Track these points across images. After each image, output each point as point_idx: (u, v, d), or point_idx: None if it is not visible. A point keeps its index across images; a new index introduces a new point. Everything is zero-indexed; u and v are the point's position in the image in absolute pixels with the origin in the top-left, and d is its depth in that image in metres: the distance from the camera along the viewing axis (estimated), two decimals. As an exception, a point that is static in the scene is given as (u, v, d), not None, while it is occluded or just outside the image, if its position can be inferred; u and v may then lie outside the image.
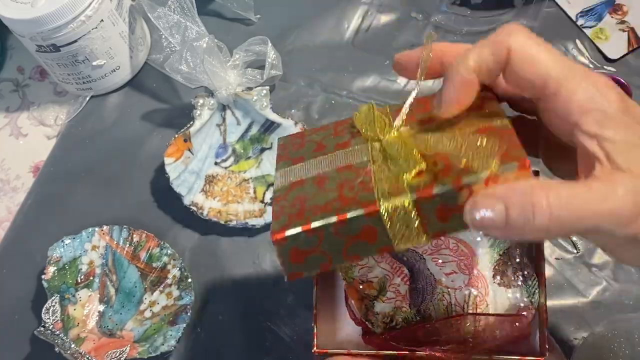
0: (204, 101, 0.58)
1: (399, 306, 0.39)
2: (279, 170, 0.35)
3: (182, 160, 0.58)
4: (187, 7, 0.58)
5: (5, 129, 0.65)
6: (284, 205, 0.32)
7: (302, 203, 0.31)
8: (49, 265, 0.54)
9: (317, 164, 0.34)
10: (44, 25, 0.55)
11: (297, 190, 0.32)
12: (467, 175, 0.29)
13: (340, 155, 0.34)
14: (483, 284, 0.39)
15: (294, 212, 0.31)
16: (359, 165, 0.32)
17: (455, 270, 0.40)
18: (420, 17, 0.66)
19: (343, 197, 0.30)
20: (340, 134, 0.35)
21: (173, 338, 0.52)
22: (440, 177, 0.29)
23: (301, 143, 0.36)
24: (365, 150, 0.33)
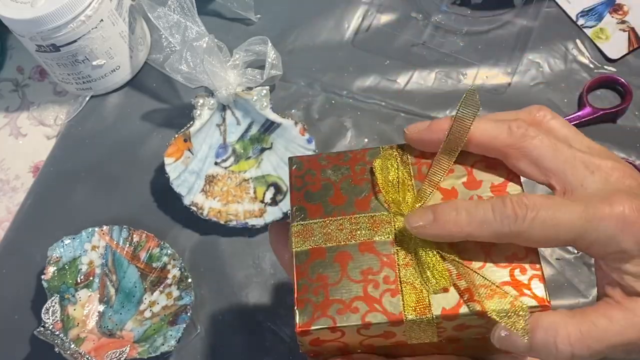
0: (204, 101, 0.58)
1: None
2: (296, 220, 0.34)
3: (182, 160, 0.58)
4: (187, 7, 0.58)
5: (5, 129, 0.65)
6: (306, 285, 0.33)
7: (325, 290, 0.32)
8: (49, 265, 0.54)
9: (338, 229, 0.34)
10: (44, 25, 0.55)
11: (318, 265, 0.33)
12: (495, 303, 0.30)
13: (362, 223, 0.34)
14: None
15: (319, 301, 0.32)
16: (382, 248, 0.33)
17: None
18: (420, 17, 0.66)
19: (368, 296, 0.32)
20: (358, 180, 0.35)
21: (173, 338, 0.52)
22: (464, 297, 0.31)
23: (316, 180, 0.35)
24: (387, 225, 0.34)
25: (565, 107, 0.60)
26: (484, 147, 0.33)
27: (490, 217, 0.30)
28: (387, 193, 0.34)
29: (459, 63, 0.63)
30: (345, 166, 0.36)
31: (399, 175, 0.34)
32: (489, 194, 0.33)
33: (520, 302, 0.30)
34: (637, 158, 0.58)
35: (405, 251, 0.33)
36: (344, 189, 0.35)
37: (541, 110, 0.34)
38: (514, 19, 0.64)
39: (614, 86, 0.60)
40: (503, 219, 0.30)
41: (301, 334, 0.32)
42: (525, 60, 0.62)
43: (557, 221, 0.30)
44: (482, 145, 0.33)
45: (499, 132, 0.32)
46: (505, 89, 0.61)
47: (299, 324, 0.31)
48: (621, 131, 0.59)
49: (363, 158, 0.36)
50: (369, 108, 0.62)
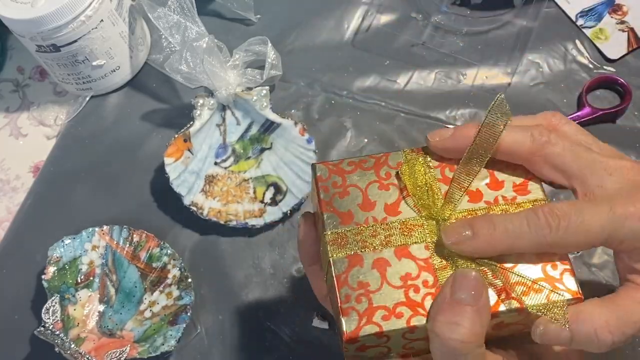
0: (204, 101, 0.58)
1: None
2: (329, 229, 0.35)
3: (182, 160, 0.58)
4: (187, 7, 0.58)
5: (5, 129, 0.65)
6: (349, 294, 0.33)
7: (367, 296, 0.33)
8: (49, 265, 0.54)
9: (372, 235, 0.34)
10: (44, 25, 0.55)
11: (357, 272, 0.34)
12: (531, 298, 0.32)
13: (395, 228, 0.35)
14: None
15: (362, 308, 0.33)
16: (418, 253, 0.34)
17: None
18: (420, 17, 0.66)
19: (410, 301, 0.33)
20: (385, 185, 0.36)
21: (173, 338, 0.52)
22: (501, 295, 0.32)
23: (343, 186, 0.36)
24: (419, 229, 0.34)
25: (565, 107, 0.60)
26: (509, 155, 0.34)
27: (526, 230, 0.31)
28: (417, 198, 0.35)
29: (458, 63, 0.63)
30: (370, 171, 0.36)
31: (426, 180, 0.35)
32: (512, 194, 0.35)
33: (557, 294, 0.31)
34: (636, 158, 0.58)
35: (440, 254, 0.34)
36: (372, 195, 0.36)
37: (555, 116, 0.36)
38: (513, 19, 0.64)
39: (614, 86, 0.60)
40: (538, 230, 0.31)
41: (349, 341, 0.32)
42: (525, 61, 0.62)
43: (588, 226, 0.31)
44: (507, 153, 0.34)
45: (522, 140, 0.34)
46: (505, 89, 0.61)
47: (346, 332, 0.32)
48: (621, 131, 0.59)
49: (386, 162, 0.37)
50: (368, 108, 0.62)
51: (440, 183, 0.35)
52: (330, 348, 0.53)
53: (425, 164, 0.36)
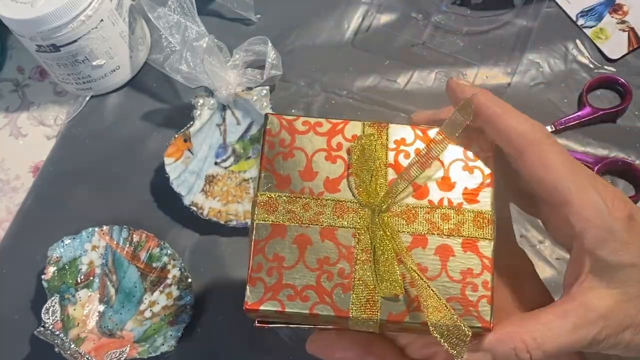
0: (204, 101, 0.58)
1: None
2: (262, 189, 0.34)
3: (182, 160, 0.58)
4: (187, 7, 0.58)
5: (5, 129, 0.65)
6: (262, 263, 0.33)
7: (280, 271, 0.33)
8: (49, 265, 0.54)
9: (303, 208, 0.34)
10: (44, 25, 0.55)
11: (276, 243, 0.33)
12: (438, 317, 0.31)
13: (328, 207, 0.33)
14: None
15: (271, 283, 0.32)
16: (343, 238, 0.33)
17: None
18: (420, 17, 0.66)
19: (320, 287, 0.32)
20: (332, 157, 0.34)
21: (173, 338, 0.52)
22: (412, 305, 0.32)
23: (290, 147, 0.34)
24: (352, 214, 0.33)
25: (565, 107, 0.60)
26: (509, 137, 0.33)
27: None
28: (360, 180, 0.34)
29: (459, 63, 0.63)
30: (322, 137, 0.35)
31: (376, 164, 0.34)
32: (459, 199, 0.33)
33: (463, 323, 0.30)
34: (636, 158, 0.58)
35: (364, 245, 0.33)
36: (316, 164, 0.34)
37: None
38: (513, 19, 0.64)
39: (614, 86, 0.60)
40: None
41: (248, 311, 0.33)
42: (525, 61, 0.62)
43: None
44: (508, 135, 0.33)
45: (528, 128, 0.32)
46: (505, 89, 0.61)
47: (247, 302, 0.32)
48: (621, 131, 0.59)
49: (342, 131, 0.35)
50: (368, 108, 0.62)
51: (390, 169, 0.34)
52: (330, 348, 0.53)
53: (382, 144, 0.34)
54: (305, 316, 0.32)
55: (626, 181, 0.57)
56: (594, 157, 0.57)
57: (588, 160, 0.57)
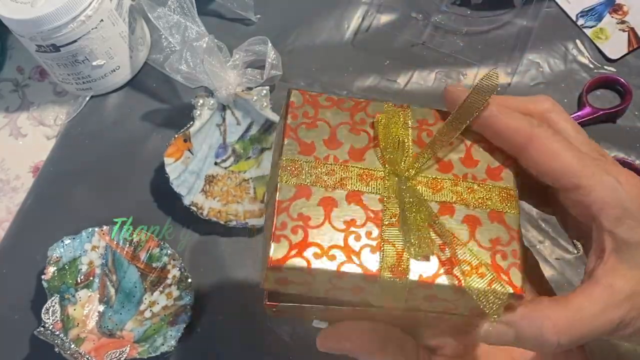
0: (204, 101, 0.58)
1: None
2: (286, 154, 0.33)
3: (182, 160, 0.58)
4: (187, 7, 0.58)
5: (5, 129, 0.65)
6: (286, 222, 0.31)
7: (305, 230, 0.31)
8: (49, 265, 0.54)
9: (328, 173, 0.33)
10: (44, 25, 0.55)
11: (301, 204, 0.32)
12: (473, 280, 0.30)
13: (353, 173, 0.33)
14: None
15: (296, 240, 0.31)
16: (370, 203, 0.32)
17: None
18: (420, 17, 0.66)
19: (347, 247, 0.31)
20: (356, 130, 0.34)
21: (173, 338, 0.52)
22: (443, 268, 0.31)
23: (314, 117, 0.34)
24: (379, 181, 0.33)
25: (565, 107, 0.60)
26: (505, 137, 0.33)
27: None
28: (386, 150, 0.33)
29: (459, 63, 0.63)
30: (346, 112, 0.35)
31: (400, 135, 0.34)
32: (483, 175, 0.33)
33: (499, 284, 0.30)
34: (637, 158, 0.58)
35: (393, 211, 0.32)
36: (340, 134, 0.34)
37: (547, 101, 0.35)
38: (514, 19, 0.64)
39: (614, 86, 0.60)
40: None
41: (273, 268, 0.31)
42: (525, 61, 0.62)
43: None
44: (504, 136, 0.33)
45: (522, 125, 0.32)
46: (505, 89, 0.61)
47: (272, 257, 0.30)
48: (621, 131, 0.59)
49: (365, 109, 0.35)
50: (369, 108, 0.62)
51: (415, 145, 0.34)
52: (330, 348, 0.53)
53: (404, 121, 0.35)
54: (332, 275, 0.30)
55: (626, 181, 0.57)
56: (594, 157, 0.57)
57: (588, 160, 0.57)
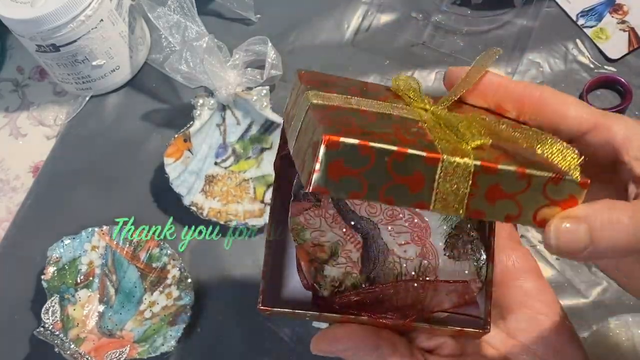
0: (203, 101, 0.58)
1: (349, 272, 0.38)
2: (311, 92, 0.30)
3: (182, 160, 0.58)
4: (187, 7, 0.58)
5: (5, 129, 0.65)
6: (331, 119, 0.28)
7: (353, 124, 0.28)
8: (49, 265, 0.54)
9: (359, 103, 0.31)
10: (44, 25, 0.55)
11: (339, 112, 0.30)
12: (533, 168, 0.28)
13: (384, 104, 0.32)
14: (434, 255, 0.39)
15: (346, 126, 0.28)
16: (410, 120, 0.30)
17: (409, 241, 0.39)
18: (420, 17, 0.65)
19: (401, 136, 0.28)
20: (375, 88, 0.34)
21: (173, 338, 0.52)
22: (503, 158, 0.29)
23: (329, 82, 0.33)
24: (412, 111, 0.31)
25: (565, 107, 0.60)
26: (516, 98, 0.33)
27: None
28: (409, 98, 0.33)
29: (459, 63, 0.63)
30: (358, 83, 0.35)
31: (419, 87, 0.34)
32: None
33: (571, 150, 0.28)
34: (637, 158, 0.58)
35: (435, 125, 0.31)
36: (360, 89, 0.33)
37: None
38: (514, 19, 0.64)
39: (614, 86, 0.60)
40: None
41: (329, 145, 0.27)
42: (525, 60, 0.62)
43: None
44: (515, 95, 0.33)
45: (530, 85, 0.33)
46: (505, 89, 0.61)
47: (325, 134, 0.27)
48: (621, 131, 0.59)
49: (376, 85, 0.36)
50: (369, 108, 0.62)
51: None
52: (330, 348, 0.53)
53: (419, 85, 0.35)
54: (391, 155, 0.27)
55: (626, 181, 0.57)
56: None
57: (588, 160, 0.57)
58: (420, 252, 0.39)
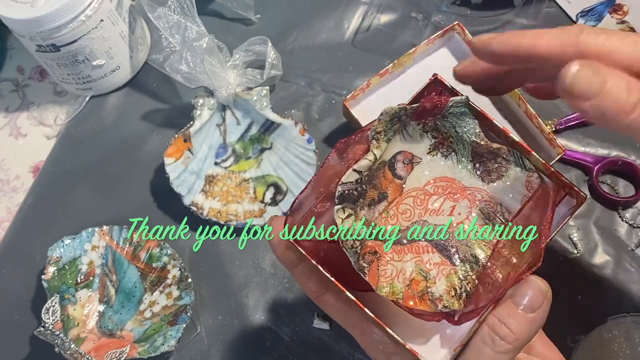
0: (204, 101, 0.58)
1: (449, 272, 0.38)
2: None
3: (182, 160, 0.58)
4: (187, 7, 0.58)
5: (5, 129, 0.65)
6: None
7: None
8: (49, 265, 0.54)
9: None
10: (44, 25, 0.55)
11: None
12: None
13: None
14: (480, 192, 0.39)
15: None
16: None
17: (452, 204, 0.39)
18: (420, 17, 0.66)
19: None
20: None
21: (173, 338, 0.52)
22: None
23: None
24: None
25: (565, 107, 0.60)
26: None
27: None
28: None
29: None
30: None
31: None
32: None
33: None
34: (637, 158, 0.58)
35: None
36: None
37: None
38: (514, 19, 0.64)
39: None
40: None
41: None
42: (525, 60, 0.62)
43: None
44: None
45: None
46: (505, 89, 0.61)
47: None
48: (621, 131, 0.59)
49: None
50: (369, 108, 0.62)
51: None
52: (330, 348, 0.53)
53: None
54: None
55: (626, 181, 0.57)
56: (594, 157, 0.57)
57: (588, 160, 0.57)
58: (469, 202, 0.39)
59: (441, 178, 0.39)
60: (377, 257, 0.36)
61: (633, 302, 0.53)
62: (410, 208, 0.39)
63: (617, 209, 0.56)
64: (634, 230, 0.55)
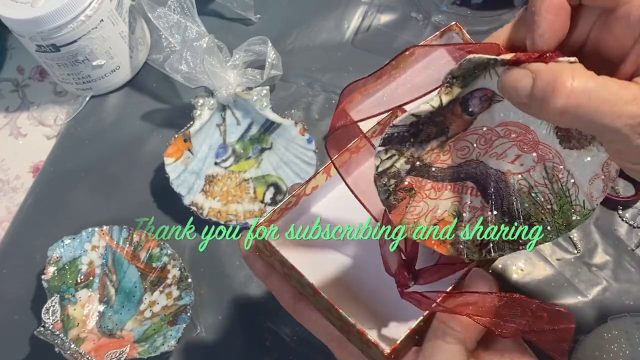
0: (204, 101, 0.58)
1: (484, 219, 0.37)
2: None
3: (182, 160, 0.58)
4: (187, 7, 0.58)
5: (5, 129, 0.65)
6: None
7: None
8: (49, 265, 0.54)
9: None
10: (44, 25, 0.55)
11: None
12: None
13: None
14: (553, 153, 0.36)
15: None
16: None
17: (519, 153, 0.36)
18: (420, 17, 0.66)
19: None
20: None
21: (173, 338, 0.52)
22: None
23: None
24: None
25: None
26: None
27: None
28: None
29: (458, 63, 0.63)
30: None
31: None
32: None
33: None
34: (637, 158, 0.58)
35: None
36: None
37: None
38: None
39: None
40: None
41: None
42: (525, 60, 0.62)
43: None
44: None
45: None
46: (505, 89, 0.61)
47: None
48: (621, 131, 0.59)
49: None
50: (369, 108, 0.62)
51: None
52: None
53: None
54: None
55: (626, 181, 0.57)
56: (594, 157, 0.57)
57: (588, 160, 0.57)
58: (537, 156, 0.36)
59: (516, 123, 0.36)
60: (410, 194, 0.35)
61: (633, 302, 0.52)
62: (469, 145, 0.36)
63: (617, 209, 0.56)
64: (634, 230, 0.55)
